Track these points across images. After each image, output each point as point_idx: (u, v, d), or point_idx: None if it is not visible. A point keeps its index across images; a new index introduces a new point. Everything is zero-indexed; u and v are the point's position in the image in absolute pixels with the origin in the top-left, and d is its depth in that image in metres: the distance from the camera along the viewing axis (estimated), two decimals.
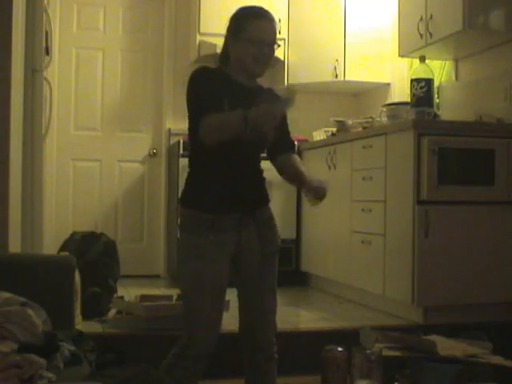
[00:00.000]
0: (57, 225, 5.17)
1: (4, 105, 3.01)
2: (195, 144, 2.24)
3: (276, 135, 2.19)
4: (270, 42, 2.20)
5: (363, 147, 4.08)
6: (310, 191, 2.23)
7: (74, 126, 5.45)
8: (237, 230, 2.20)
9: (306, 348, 3.17)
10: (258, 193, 2.30)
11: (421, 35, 4.13)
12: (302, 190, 2.33)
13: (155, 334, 3.17)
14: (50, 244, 4.39)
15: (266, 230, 2.28)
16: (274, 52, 2.24)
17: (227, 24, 2.26)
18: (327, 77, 5.22)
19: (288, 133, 2.38)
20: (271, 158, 2.37)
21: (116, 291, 3.79)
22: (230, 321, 2.60)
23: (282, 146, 2.34)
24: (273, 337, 2.32)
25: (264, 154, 2.36)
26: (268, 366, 2.31)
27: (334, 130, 4.81)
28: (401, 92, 4.99)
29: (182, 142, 4.82)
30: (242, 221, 2.21)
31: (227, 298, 2.32)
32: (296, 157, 2.38)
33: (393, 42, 4.90)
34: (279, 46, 2.25)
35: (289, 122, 2.39)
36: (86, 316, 3.39)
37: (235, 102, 2.13)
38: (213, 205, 2.18)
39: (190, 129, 2.24)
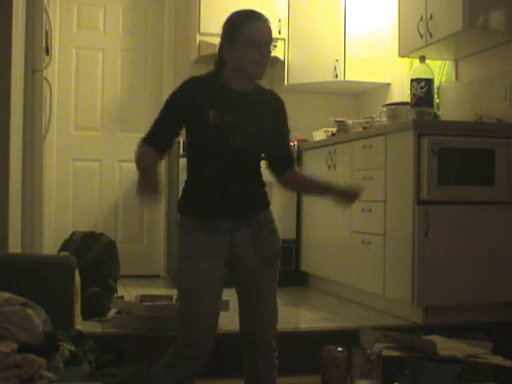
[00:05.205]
0: (57, 225, 5.17)
1: (4, 105, 3.01)
2: (189, 152, 2.30)
3: (276, 150, 2.30)
4: (267, 42, 2.19)
5: (363, 147, 4.08)
6: (340, 198, 2.30)
7: (74, 126, 5.45)
8: (229, 232, 2.20)
9: (306, 348, 3.16)
10: (255, 199, 2.29)
11: (421, 35, 4.13)
12: (328, 197, 2.36)
13: (155, 334, 3.17)
14: (50, 244, 4.39)
15: (264, 233, 2.27)
16: (270, 52, 2.22)
17: (222, 30, 2.24)
18: (327, 77, 5.21)
19: (289, 149, 2.39)
20: (274, 174, 2.39)
21: (116, 291, 3.79)
22: (230, 321, 2.60)
23: (282, 164, 2.36)
24: (273, 342, 2.30)
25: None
26: (267, 371, 2.29)
27: (334, 130, 4.81)
28: (401, 92, 4.99)
29: (181, 142, 4.82)
30: (235, 224, 2.21)
31: (228, 298, 2.32)
32: (299, 171, 2.41)
33: (393, 42, 4.90)
34: (276, 46, 2.25)
35: (288, 122, 2.38)
36: (86, 316, 3.39)
37: (224, 110, 2.16)
38: (205, 213, 2.21)
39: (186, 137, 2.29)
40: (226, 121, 2.16)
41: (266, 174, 2.35)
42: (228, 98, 2.20)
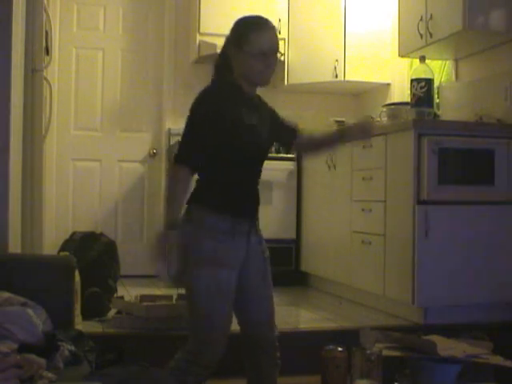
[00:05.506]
0: (57, 225, 5.17)
1: (4, 105, 3.01)
2: (212, 154, 2.20)
3: (279, 134, 2.36)
4: (273, 52, 2.21)
5: (363, 147, 4.08)
6: (354, 135, 2.39)
7: (74, 126, 5.45)
8: (247, 235, 2.21)
9: (306, 348, 3.16)
10: (258, 197, 2.31)
11: (421, 35, 4.13)
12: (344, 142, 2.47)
13: (155, 334, 3.17)
14: (50, 244, 4.39)
15: (260, 234, 2.31)
16: (277, 60, 2.25)
17: (229, 35, 2.24)
18: (327, 77, 5.21)
19: (286, 122, 2.41)
20: (287, 150, 2.44)
21: (116, 291, 3.79)
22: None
23: (287, 137, 2.41)
24: (276, 340, 2.31)
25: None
26: (270, 370, 2.30)
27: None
28: (401, 92, 4.99)
29: None
30: (250, 226, 2.23)
31: None
32: (305, 136, 2.44)
33: (393, 41, 4.90)
34: (282, 54, 2.26)
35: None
36: (86, 316, 3.39)
37: (247, 112, 2.19)
38: (231, 208, 2.17)
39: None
40: (254, 122, 2.20)
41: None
42: (246, 101, 2.23)
